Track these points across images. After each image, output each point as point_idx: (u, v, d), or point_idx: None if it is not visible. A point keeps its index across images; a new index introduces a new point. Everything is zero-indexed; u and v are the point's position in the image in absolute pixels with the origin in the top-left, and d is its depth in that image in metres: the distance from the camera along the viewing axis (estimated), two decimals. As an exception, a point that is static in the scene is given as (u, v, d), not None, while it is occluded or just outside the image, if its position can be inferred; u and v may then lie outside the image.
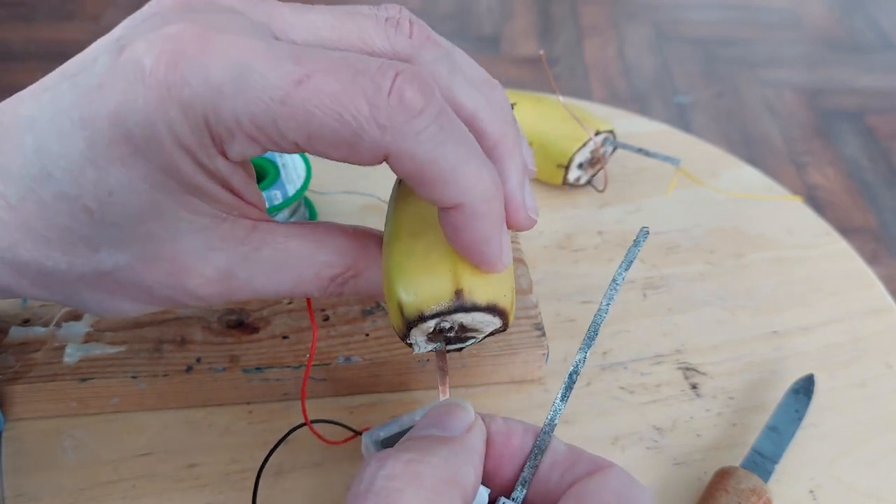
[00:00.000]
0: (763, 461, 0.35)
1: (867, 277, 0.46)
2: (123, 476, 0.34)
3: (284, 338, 0.37)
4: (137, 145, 0.21)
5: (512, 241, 0.43)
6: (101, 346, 0.36)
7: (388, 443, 0.33)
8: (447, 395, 0.27)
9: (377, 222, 0.47)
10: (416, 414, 0.34)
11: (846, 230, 1.27)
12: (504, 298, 0.26)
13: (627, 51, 1.71)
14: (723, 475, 0.34)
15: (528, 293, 0.40)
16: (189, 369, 0.35)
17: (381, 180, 0.50)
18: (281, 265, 0.25)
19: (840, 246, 0.48)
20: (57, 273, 0.24)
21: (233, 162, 0.23)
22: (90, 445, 0.35)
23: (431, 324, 0.25)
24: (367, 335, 0.37)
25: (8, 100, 0.24)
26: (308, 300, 0.28)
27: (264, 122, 0.21)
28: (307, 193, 0.49)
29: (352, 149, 0.21)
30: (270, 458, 0.35)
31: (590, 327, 0.24)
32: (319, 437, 0.33)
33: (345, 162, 0.22)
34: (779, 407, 0.37)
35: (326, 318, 0.38)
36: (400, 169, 0.22)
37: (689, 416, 0.38)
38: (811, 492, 0.35)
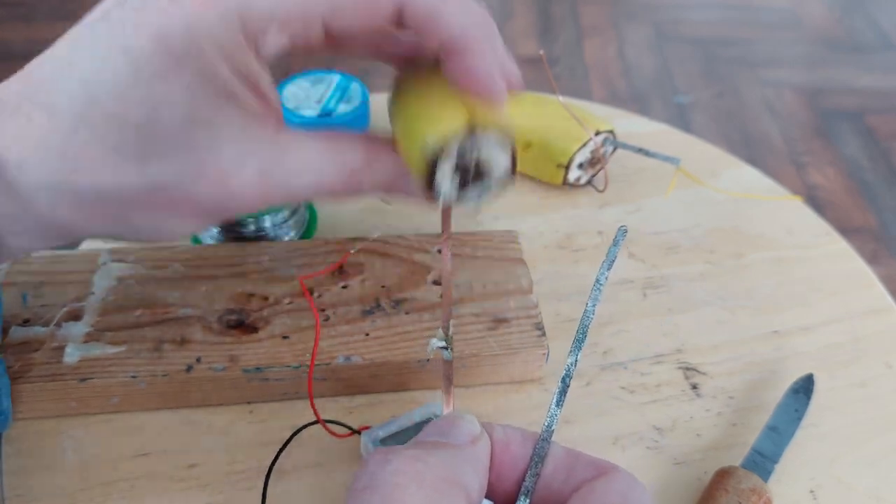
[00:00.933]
0: (763, 461, 0.35)
1: (867, 277, 0.46)
2: (123, 476, 0.34)
3: (284, 338, 0.37)
4: (178, 57, 0.24)
5: (512, 242, 0.43)
6: (100, 346, 0.36)
7: (387, 442, 0.33)
8: (450, 407, 0.27)
9: (376, 221, 0.48)
10: (415, 414, 0.34)
11: (846, 230, 1.27)
12: (510, 128, 0.28)
13: (627, 51, 1.71)
14: (723, 475, 0.34)
15: (528, 293, 0.40)
16: (189, 369, 0.35)
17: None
18: (308, 164, 0.28)
19: (840, 246, 0.48)
20: (112, 195, 0.26)
21: (262, 62, 0.26)
22: (90, 445, 0.35)
23: (453, 159, 0.27)
24: (367, 335, 0.37)
25: (41, 55, 0.26)
26: (309, 296, 0.29)
27: (292, 6, 0.25)
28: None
29: (372, 6, 0.26)
30: (270, 459, 0.35)
31: (578, 330, 0.24)
32: (332, 432, 0.33)
33: (363, 29, 0.26)
34: (778, 407, 0.37)
35: (327, 319, 0.38)
36: (412, 13, 0.26)
37: (689, 416, 0.38)
38: (811, 492, 0.35)
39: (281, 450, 0.33)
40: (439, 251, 0.26)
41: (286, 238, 0.44)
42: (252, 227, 0.44)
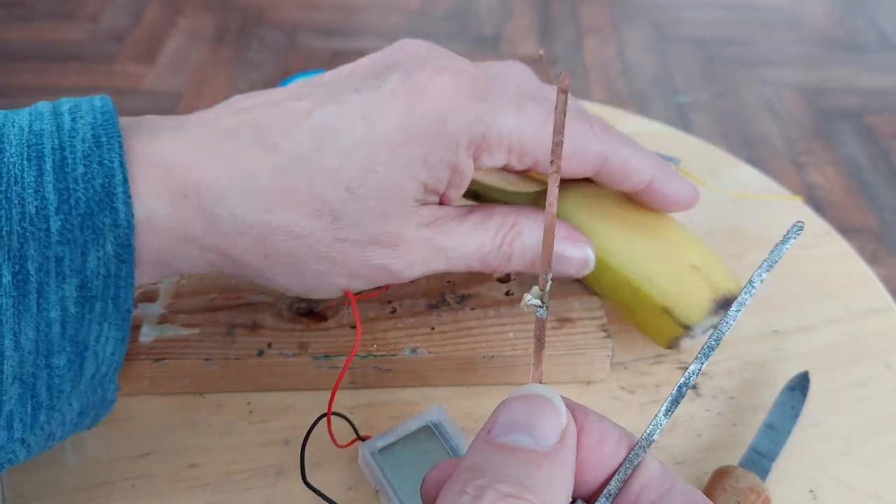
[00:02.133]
0: (760, 459, 0.35)
1: (867, 277, 0.46)
2: (123, 476, 0.34)
3: (352, 327, 0.37)
4: (413, 135, 0.27)
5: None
6: (174, 328, 0.37)
7: (386, 453, 0.33)
8: (539, 372, 0.24)
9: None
10: (412, 422, 0.34)
11: (846, 230, 1.27)
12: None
13: (627, 51, 1.71)
14: (721, 474, 0.34)
15: (592, 294, 0.40)
16: (260, 353, 0.36)
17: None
18: (462, 242, 0.31)
19: (840, 246, 0.48)
20: (303, 238, 0.28)
21: (473, 167, 0.30)
22: (90, 445, 0.35)
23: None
24: (433, 329, 0.38)
25: (276, 96, 0.29)
26: (352, 299, 0.31)
27: (519, 145, 0.30)
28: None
29: (580, 159, 0.31)
30: (270, 459, 0.35)
31: (712, 336, 0.22)
32: (334, 441, 0.33)
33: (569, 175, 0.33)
34: (775, 405, 0.37)
35: (394, 311, 0.38)
36: (611, 167, 0.32)
37: (689, 416, 0.38)
38: (811, 491, 0.35)
39: (310, 430, 0.33)
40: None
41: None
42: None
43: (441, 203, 0.31)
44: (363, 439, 0.34)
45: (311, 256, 0.28)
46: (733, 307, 0.22)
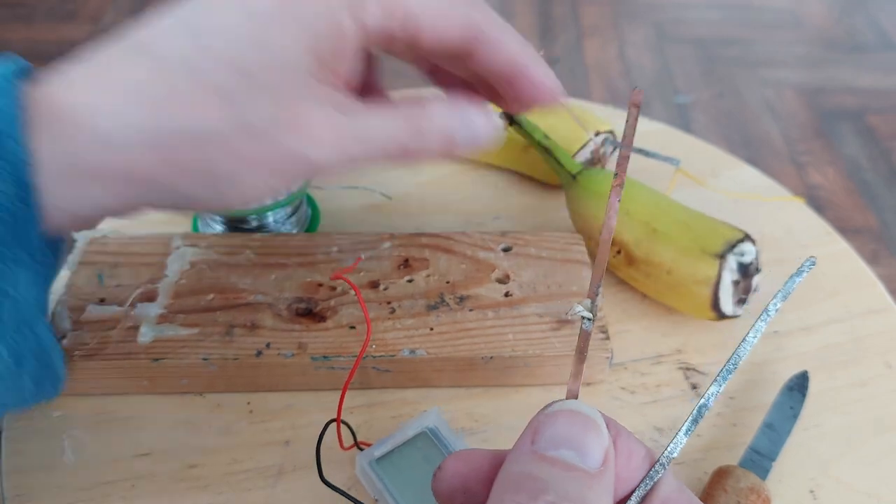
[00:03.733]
0: (760, 459, 0.35)
1: (867, 277, 0.46)
2: (123, 476, 0.34)
3: (351, 328, 0.37)
4: (294, 13, 0.27)
5: (576, 244, 0.43)
6: (173, 328, 0.37)
7: (383, 462, 0.33)
8: (578, 386, 0.24)
9: (378, 220, 0.48)
10: (409, 429, 0.34)
11: (846, 230, 1.27)
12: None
13: (628, 51, 1.71)
14: (721, 474, 0.34)
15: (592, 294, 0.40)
16: (259, 354, 0.36)
17: (380, 175, 0.50)
18: (375, 126, 0.29)
19: (840, 246, 0.48)
20: (200, 138, 0.26)
21: (356, 30, 0.28)
22: (90, 445, 0.35)
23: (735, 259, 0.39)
24: (432, 329, 0.38)
25: (153, 18, 0.28)
26: (360, 297, 0.30)
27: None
28: (309, 190, 0.49)
29: (446, 19, 0.29)
30: (270, 459, 0.35)
31: (730, 359, 0.22)
32: (341, 444, 0.33)
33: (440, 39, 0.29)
34: (774, 405, 0.37)
35: (392, 311, 0.38)
36: (486, 37, 0.30)
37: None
38: (811, 491, 0.35)
39: (325, 428, 0.33)
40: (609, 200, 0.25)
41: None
42: (255, 223, 0.44)
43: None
44: (361, 448, 0.34)
45: (218, 156, 0.27)
46: (750, 333, 0.23)
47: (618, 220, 0.42)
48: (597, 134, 0.48)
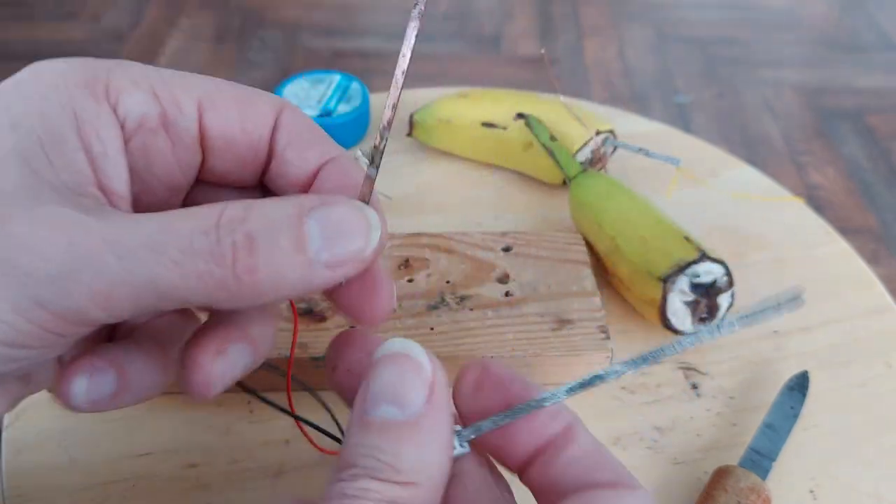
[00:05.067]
0: (760, 459, 0.35)
1: (867, 277, 0.46)
2: (123, 476, 0.34)
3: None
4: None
5: (576, 244, 0.43)
6: None
7: None
8: (368, 195, 0.23)
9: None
10: None
11: (846, 230, 1.27)
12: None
13: (628, 51, 1.71)
14: (721, 474, 0.34)
15: (592, 295, 0.40)
16: None
17: (380, 175, 0.50)
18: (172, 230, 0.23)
19: (840, 246, 0.48)
20: None
21: (113, 116, 0.24)
22: (90, 445, 0.35)
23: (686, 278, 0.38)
24: (432, 329, 0.38)
25: None
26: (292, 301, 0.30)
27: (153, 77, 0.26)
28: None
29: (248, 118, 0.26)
30: (270, 459, 0.35)
31: (655, 353, 0.21)
32: (314, 445, 0.33)
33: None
34: (774, 404, 0.37)
35: (392, 311, 0.38)
36: (287, 133, 0.26)
37: (690, 416, 0.38)
38: (811, 491, 0.35)
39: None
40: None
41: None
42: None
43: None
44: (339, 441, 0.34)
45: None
46: (687, 339, 0.21)
47: (591, 231, 0.43)
48: (597, 133, 0.48)
